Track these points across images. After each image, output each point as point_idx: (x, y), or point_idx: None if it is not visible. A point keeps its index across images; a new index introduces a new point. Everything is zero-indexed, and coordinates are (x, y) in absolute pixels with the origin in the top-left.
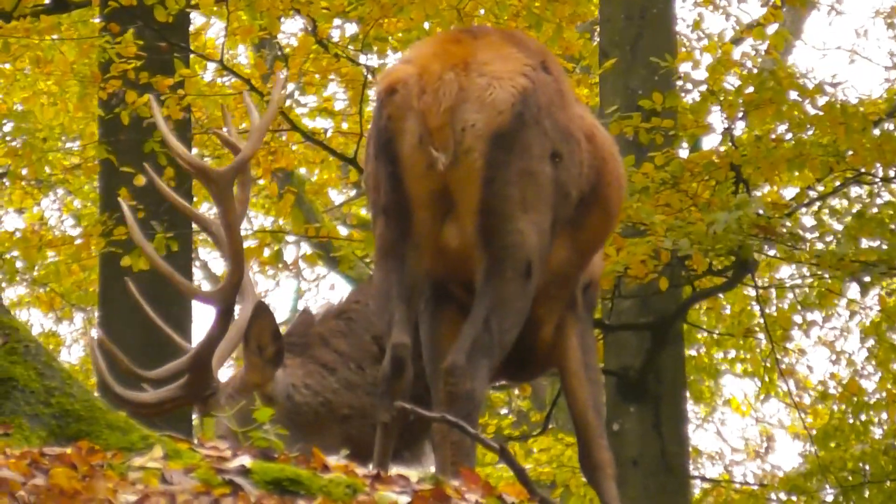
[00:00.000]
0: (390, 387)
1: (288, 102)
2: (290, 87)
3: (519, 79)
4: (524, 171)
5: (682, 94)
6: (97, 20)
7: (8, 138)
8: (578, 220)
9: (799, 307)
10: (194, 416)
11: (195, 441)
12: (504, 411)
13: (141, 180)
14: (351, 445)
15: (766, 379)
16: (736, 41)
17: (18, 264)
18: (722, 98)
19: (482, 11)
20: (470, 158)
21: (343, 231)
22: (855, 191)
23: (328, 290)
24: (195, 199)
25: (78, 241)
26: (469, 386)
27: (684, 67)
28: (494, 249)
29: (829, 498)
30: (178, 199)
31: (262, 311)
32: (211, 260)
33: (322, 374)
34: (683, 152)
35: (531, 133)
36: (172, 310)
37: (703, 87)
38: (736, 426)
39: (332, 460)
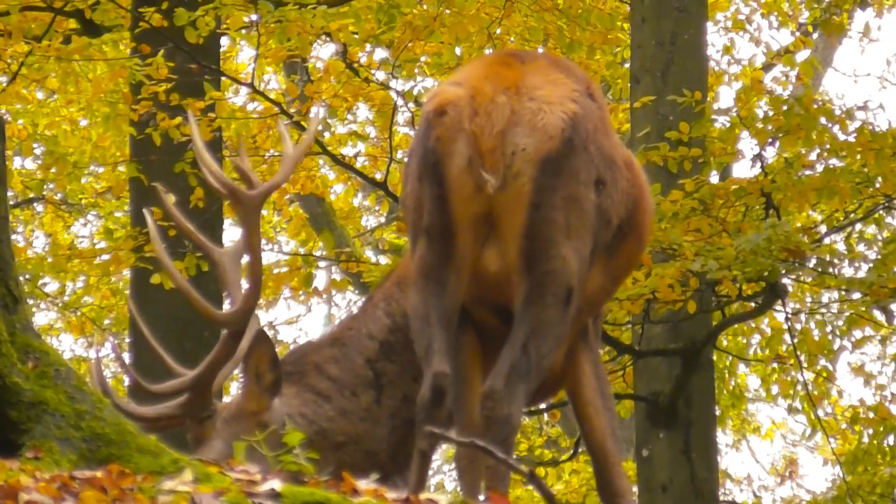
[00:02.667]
0: (429, 415)
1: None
2: (320, 111)
3: (569, 104)
4: (570, 197)
5: (715, 119)
6: (127, 43)
7: (39, 161)
8: (614, 248)
9: (830, 334)
10: (188, 436)
11: (225, 465)
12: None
13: (171, 199)
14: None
15: (795, 404)
16: (766, 67)
17: (49, 288)
18: (752, 125)
19: (512, 39)
20: (518, 182)
21: (373, 256)
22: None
23: None
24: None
25: (107, 256)
26: (507, 410)
27: (714, 98)
28: (536, 274)
29: None
30: (183, 222)
31: (261, 340)
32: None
33: (317, 402)
34: (713, 179)
35: (579, 159)
36: (203, 335)
37: (733, 114)
38: (765, 451)
39: (363, 484)
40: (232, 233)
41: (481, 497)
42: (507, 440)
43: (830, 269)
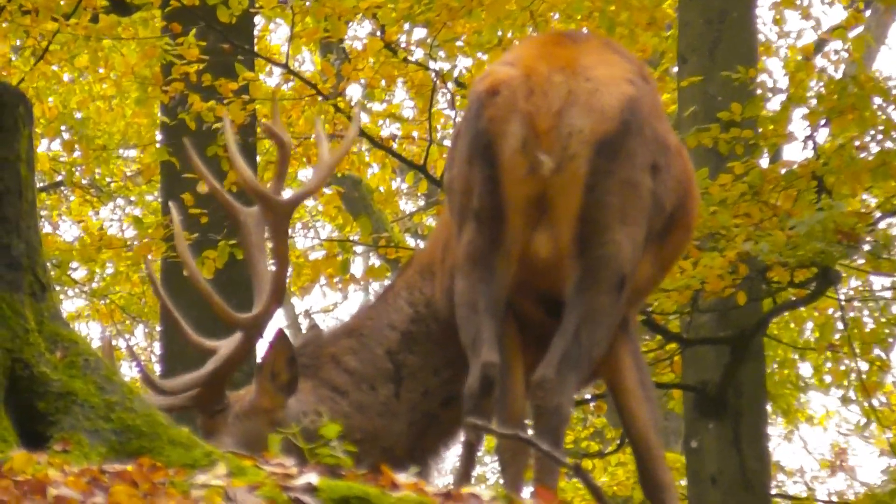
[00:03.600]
0: (477, 406)
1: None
2: (357, 91)
3: (625, 86)
4: (626, 181)
5: (768, 96)
6: (158, 22)
7: (67, 138)
8: (664, 236)
9: (885, 322)
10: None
11: (260, 458)
12: (579, 427)
13: (204, 186)
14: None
15: (850, 394)
16: (817, 45)
17: (77, 275)
18: (804, 101)
19: (556, 15)
20: (574, 164)
21: (412, 242)
22: None
23: None
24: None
25: (137, 244)
26: (558, 400)
27: (761, 69)
28: (589, 260)
29: None
30: (211, 179)
31: (281, 339)
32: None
33: (333, 398)
34: (764, 162)
35: (635, 142)
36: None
37: (783, 95)
38: (817, 441)
39: (402, 477)
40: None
41: (526, 491)
42: (557, 431)
43: (885, 255)
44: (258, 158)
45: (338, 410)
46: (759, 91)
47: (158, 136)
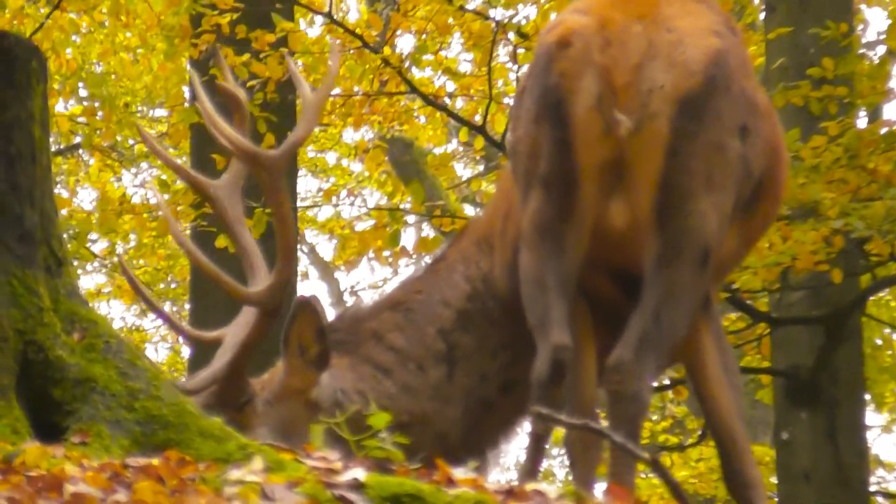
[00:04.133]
0: (546, 394)
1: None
2: (409, 44)
3: (711, 38)
4: (713, 144)
5: (864, 53)
6: None
7: (85, 102)
8: (751, 206)
9: None
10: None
11: (301, 451)
12: (655, 417)
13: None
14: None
15: None
16: None
17: (97, 248)
18: None
19: None
20: (655, 124)
21: (470, 211)
22: None
23: None
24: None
25: (162, 212)
26: (636, 385)
27: (859, 21)
28: (671, 231)
29: None
30: (167, 156)
31: (304, 307)
32: (320, 243)
33: (376, 377)
34: (861, 122)
35: (723, 101)
36: None
37: (882, 49)
38: None
39: (459, 473)
40: (305, 183)
41: (598, 488)
42: (635, 419)
43: None
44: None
45: (381, 391)
46: (857, 43)
47: (187, 95)
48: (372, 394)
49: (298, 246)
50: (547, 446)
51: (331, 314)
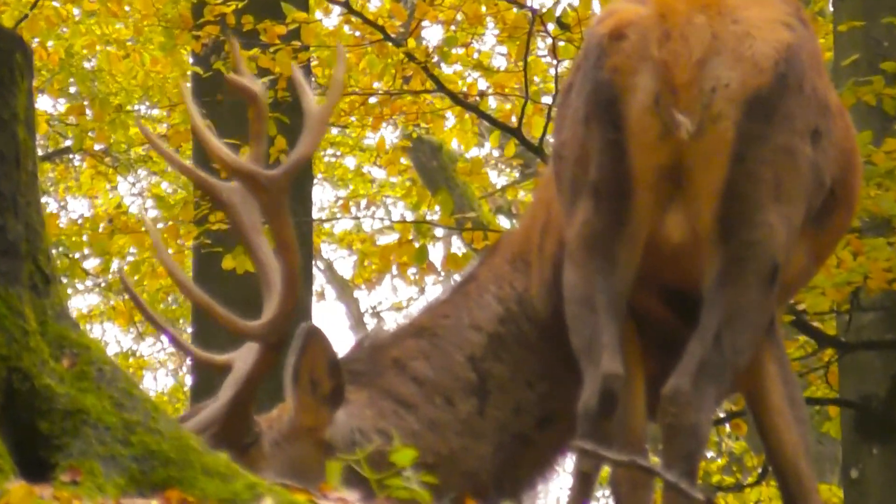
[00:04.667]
0: (596, 428)
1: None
2: (436, 36)
3: (782, 31)
4: (783, 149)
5: None
6: None
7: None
8: (822, 219)
9: None
10: None
11: (315, 491)
12: (710, 454)
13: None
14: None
15: None
16: None
17: (89, 264)
18: None
19: None
20: (719, 127)
21: (505, 224)
22: None
23: None
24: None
25: (161, 226)
26: (694, 418)
27: None
28: (735, 246)
29: None
30: (176, 158)
31: (314, 338)
32: (338, 259)
33: (398, 413)
34: None
35: (794, 101)
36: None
37: None
38: None
39: None
40: (321, 192)
41: None
42: (692, 456)
43: None
44: None
45: (404, 428)
46: None
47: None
48: (393, 432)
49: (314, 262)
50: (594, 486)
51: (349, 338)
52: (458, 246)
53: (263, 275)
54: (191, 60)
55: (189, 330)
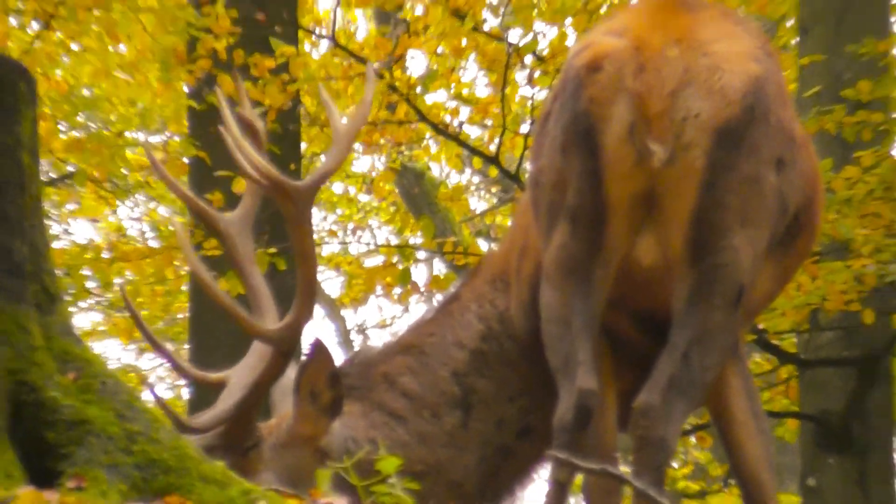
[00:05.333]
0: (571, 440)
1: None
2: (420, 68)
3: (750, 64)
4: (749, 177)
5: None
6: None
7: (76, 132)
8: (786, 243)
9: None
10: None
11: (307, 497)
12: (676, 464)
13: (242, 185)
14: None
15: None
16: None
17: (91, 284)
18: None
19: None
20: (690, 156)
21: (484, 246)
22: None
23: None
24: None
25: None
26: (663, 431)
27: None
28: (704, 269)
29: None
30: (177, 185)
31: (317, 352)
32: (326, 280)
33: (389, 424)
34: None
35: (761, 132)
36: None
37: None
38: None
39: None
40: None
41: None
42: (661, 466)
43: None
44: (303, 147)
45: (394, 439)
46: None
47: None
48: (384, 442)
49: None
50: (568, 493)
51: (337, 354)
52: (440, 268)
53: (255, 299)
54: (186, 91)
55: (187, 346)
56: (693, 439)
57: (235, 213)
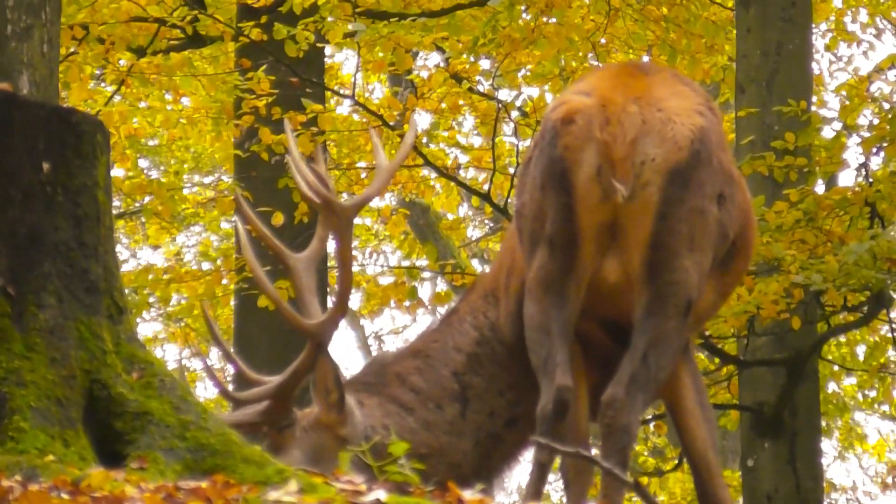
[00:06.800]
0: (551, 429)
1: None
2: (416, 118)
3: (696, 117)
4: (696, 209)
5: (821, 128)
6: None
7: (145, 173)
8: (726, 264)
9: None
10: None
11: (330, 475)
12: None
13: (280, 218)
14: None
15: None
16: (871, 74)
17: (151, 298)
18: (856, 134)
19: (616, 50)
20: (647, 192)
21: (478, 267)
22: None
23: None
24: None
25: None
26: (627, 419)
27: (820, 104)
28: (659, 285)
29: None
30: (259, 226)
31: (323, 358)
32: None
33: (400, 414)
34: (819, 189)
35: (705, 172)
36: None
37: (838, 124)
38: (872, 460)
39: (468, 494)
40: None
41: None
42: (625, 449)
43: None
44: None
45: (404, 426)
46: (816, 119)
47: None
48: (396, 428)
49: (329, 296)
50: (548, 473)
51: (358, 356)
52: (441, 286)
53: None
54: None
55: (232, 350)
56: (651, 427)
57: (305, 253)
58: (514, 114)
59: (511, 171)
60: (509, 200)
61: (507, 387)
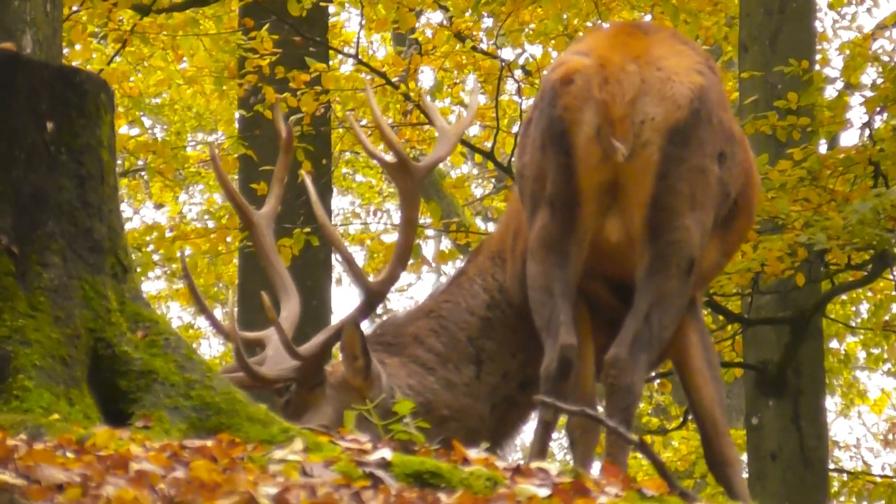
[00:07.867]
0: (555, 387)
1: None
2: (430, 79)
3: (695, 76)
4: (696, 168)
5: (823, 89)
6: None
7: (148, 133)
8: (728, 223)
9: None
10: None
11: (335, 434)
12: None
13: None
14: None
15: None
16: (875, 31)
17: (156, 257)
18: (859, 94)
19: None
20: (647, 152)
21: (482, 225)
22: None
23: None
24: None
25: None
26: (630, 379)
27: (824, 62)
28: (660, 245)
29: None
30: (226, 179)
31: (351, 325)
32: (352, 254)
33: (422, 373)
34: (822, 148)
35: (705, 130)
36: (312, 304)
37: (840, 83)
38: (874, 418)
39: (473, 453)
40: (340, 201)
41: (595, 467)
42: (628, 408)
43: None
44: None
45: (426, 385)
46: (818, 78)
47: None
48: (419, 388)
49: (334, 256)
50: (553, 431)
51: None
52: (446, 244)
53: (279, 280)
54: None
55: (236, 309)
56: (656, 385)
57: (265, 208)
58: (518, 73)
59: (514, 129)
60: (512, 160)
61: (518, 348)
